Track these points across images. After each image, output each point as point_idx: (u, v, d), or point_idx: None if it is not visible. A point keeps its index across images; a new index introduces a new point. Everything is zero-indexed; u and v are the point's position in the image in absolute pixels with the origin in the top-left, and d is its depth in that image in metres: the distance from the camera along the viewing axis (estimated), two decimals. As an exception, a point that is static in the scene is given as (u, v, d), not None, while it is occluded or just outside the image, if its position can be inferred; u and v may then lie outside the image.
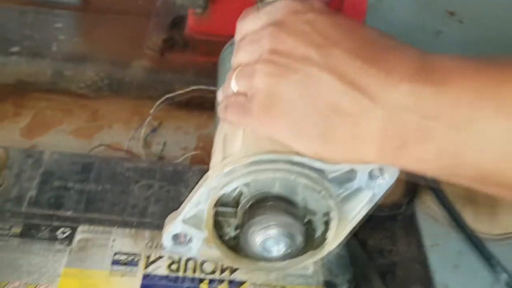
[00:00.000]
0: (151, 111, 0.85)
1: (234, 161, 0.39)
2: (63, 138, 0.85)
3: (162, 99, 0.87)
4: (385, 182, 0.40)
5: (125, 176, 0.52)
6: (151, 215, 0.49)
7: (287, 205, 0.40)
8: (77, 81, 0.93)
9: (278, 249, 0.39)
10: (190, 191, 0.41)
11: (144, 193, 0.51)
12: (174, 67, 0.93)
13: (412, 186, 0.71)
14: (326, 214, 0.42)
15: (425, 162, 0.33)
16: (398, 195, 0.70)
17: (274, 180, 0.40)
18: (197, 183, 0.41)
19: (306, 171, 0.38)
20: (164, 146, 0.87)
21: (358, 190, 0.41)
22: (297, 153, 0.38)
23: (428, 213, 0.71)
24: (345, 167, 0.39)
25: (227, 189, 0.39)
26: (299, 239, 0.38)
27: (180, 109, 0.92)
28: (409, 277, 0.65)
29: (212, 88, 0.88)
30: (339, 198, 0.41)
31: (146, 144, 0.86)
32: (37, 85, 0.92)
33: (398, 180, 0.42)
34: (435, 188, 0.66)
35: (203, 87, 0.90)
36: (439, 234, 0.68)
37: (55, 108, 0.89)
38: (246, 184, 0.40)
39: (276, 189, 0.41)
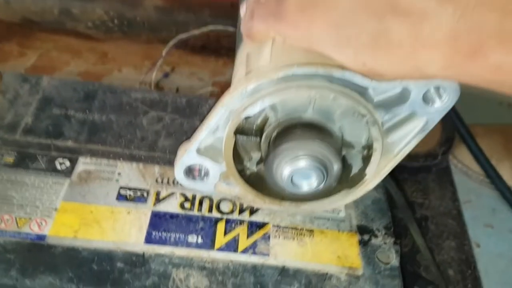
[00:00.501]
0: (164, 52, 0.80)
1: (261, 75, 0.32)
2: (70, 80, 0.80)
3: (176, 39, 0.81)
4: (443, 105, 0.33)
5: (133, 107, 0.46)
6: (161, 149, 0.43)
7: (320, 131, 0.34)
8: (85, 20, 0.87)
9: (309, 183, 0.33)
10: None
11: (154, 126, 0.45)
12: (188, 6, 0.87)
13: (448, 135, 0.64)
14: (367, 147, 0.36)
15: (503, 71, 0.26)
16: (433, 144, 0.63)
17: (307, 102, 0.33)
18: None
19: (348, 90, 0.32)
20: (177, 92, 0.81)
21: (408, 117, 0.34)
22: (339, 66, 0.31)
23: (460, 168, 0.66)
24: (397, 86, 0.32)
25: (250, 112, 0.33)
26: (336, 170, 0.32)
27: (194, 54, 0.86)
28: (442, 233, 0.59)
29: (230, 28, 0.82)
30: (385, 126, 0.34)
31: (158, 89, 0.80)
32: (43, 24, 0.88)
33: (434, 128, 0.36)
34: (469, 139, 0.60)
35: (220, 27, 0.84)
36: (472, 190, 0.64)
37: (62, 49, 0.84)
38: (273, 107, 0.34)
39: (309, 114, 0.34)
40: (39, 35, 0.87)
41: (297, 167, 0.32)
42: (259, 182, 0.38)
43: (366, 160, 0.36)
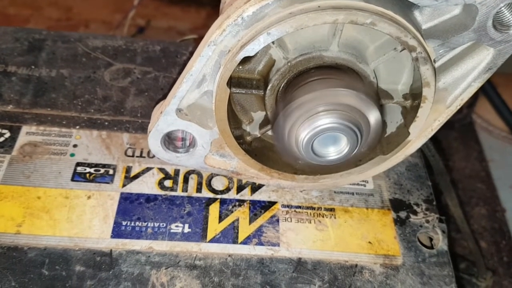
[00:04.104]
0: (135, 1, 0.70)
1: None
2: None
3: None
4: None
5: (91, 58, 0.36)
6: (130, 112, 0.34)
7: (349, 77, 0.24)
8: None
9: (337, 149, 0.23)
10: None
11: (120, 81, 0.35)
12: None
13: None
14: (411, 96, 0.26)
15: None
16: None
17: (330, 34, 0.24)
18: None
19: (391, 13, 0.22)
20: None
21: (470, 50, 0.25)
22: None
23: (480, 123, 0.58)
24: (458, 4, 0.22)
25: (249, 51, 0.23)
26: (374, 125, 0.22)
27: (172, 5, 0.77)
28: (471, 199, 0.52)
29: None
30: (437, 64, 0.25)
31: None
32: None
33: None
34: (491, 90, 0.52)
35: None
36: (495, 148, 0.57)
37: (20, 5, 0.73)
38: (282, 43, 0.24)
39: (333, 51, 0.24)
40: (-7, -10, 0.77)
41: (319, 129, 0.22)
42: (264, 151, 0.28)
43: (409, 114, 0.27)
